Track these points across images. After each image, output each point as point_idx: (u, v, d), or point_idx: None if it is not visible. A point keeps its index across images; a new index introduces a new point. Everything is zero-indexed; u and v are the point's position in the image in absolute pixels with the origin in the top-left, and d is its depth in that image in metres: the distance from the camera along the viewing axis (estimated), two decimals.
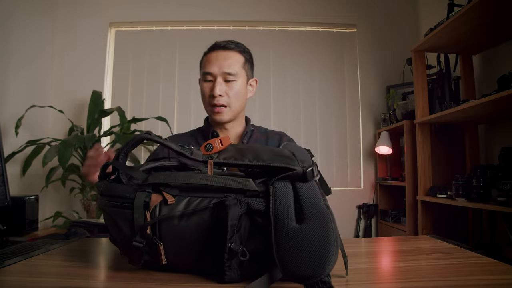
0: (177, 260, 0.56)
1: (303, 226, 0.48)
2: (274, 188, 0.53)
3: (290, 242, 0.47)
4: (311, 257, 0.45)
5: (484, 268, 0.63)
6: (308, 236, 0.47)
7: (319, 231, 0.47)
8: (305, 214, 0.49)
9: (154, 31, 2.89)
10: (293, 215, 0.50)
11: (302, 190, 0.52)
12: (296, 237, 0.47)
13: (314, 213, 0.49)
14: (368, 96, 2.89)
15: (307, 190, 0.52)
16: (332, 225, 0.48)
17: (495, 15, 1.63)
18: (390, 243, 1.01)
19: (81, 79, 2.76)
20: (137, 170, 0.59)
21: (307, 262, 0.45)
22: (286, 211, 0.50)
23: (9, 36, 2.20)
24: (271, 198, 0.51)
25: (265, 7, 2.90)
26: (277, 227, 0.49)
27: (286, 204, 0.51)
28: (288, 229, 0.48)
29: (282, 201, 0.51)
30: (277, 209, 0.50)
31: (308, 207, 0.50)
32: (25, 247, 0.84)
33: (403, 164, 2.45)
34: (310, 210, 0.50)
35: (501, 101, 1.47)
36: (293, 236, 0.47)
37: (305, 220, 0.49)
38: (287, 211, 0.50)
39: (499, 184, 1.49)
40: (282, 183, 0.53)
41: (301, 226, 0.48)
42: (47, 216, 2.29)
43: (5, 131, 2.13)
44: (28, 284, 0.56)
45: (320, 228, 0.47)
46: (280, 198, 0.51)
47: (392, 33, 2.91)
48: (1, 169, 1.53)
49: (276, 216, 0.50)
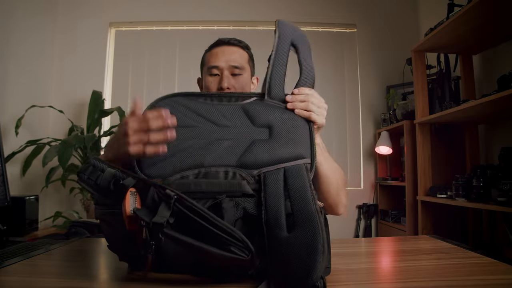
0: (175, 262, 0.56)
1: (292, 235, 0.49)
2: (266, 193, 0.53)
3: (281, 251, 0.49)
4: (298, 266, 0.47)
5: (484, 268, 0.63)
6: (296, 246, 0.48)
7: (307, 239, 0.48)
8: (295, 216, 0.51)
9: (154, 31, 2.89)
10: (284, 223, 0.51)
11: (293, 191, 0.53)
12: (286, 246, 0.49)
13: (303, 218, 0.50)
14: (368, 96, 2.89)
15: (298, 190, 0.53)
16: (320, 232, 0.49)
17: (495, 15, 1.63)
18: (390, 243, 1.01)
19: (81, 79, 2.76)
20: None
21: (295, 271, 0.46)
22: (276, 221, 0.51)
23: (9, 36, 2.20)
24: (262, 207, 0.52)
25: (265, 7, 2.90)
26: (269, 238, 0.50)
27: (277, 213, 0.52)
28: (279, 239, 0.50)
29: (273, 210, 0.52)
30: (269, 219, 0.52)
31: (297, 210, 0.51)
32: (25, 247, 0.84)
33: (403, 164, 2.45)
34: (300, 214, 0.51)
35: (501, 101, 1.47)
36: (283, 246, 0.49)
37: (295, 227, 0.50)
38: (277, 220, 0.51)
39: (499, 184, 1.49)
40: (274, 185, 0.54)
41: (290, 236, 0.49)
42: (47, 216, 2.29)
43: (5, 131, 2.13)
44: (28, 284, 0.56)
45: (308, 236, 0.48)
46: (271, 206, 0.52)
47: (392, 33, 2.91)
48: (1, 169, 1.53)
49: (268, 226, 0.51)
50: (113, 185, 0.54)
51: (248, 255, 0.49)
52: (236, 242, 0.49)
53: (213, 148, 0.60)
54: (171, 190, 0.50)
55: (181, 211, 0.50)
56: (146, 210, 0.51)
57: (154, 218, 0.49)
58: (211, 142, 0.61)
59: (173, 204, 0.50)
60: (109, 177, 0.54)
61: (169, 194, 0.50)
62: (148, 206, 0.51)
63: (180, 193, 0.50)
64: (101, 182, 0.54)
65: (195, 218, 0.49)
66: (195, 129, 0.62)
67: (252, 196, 0.54)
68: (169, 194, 0.50)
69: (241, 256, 0.49)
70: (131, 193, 0.52)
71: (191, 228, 0.50)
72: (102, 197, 0.56)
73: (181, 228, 0.50)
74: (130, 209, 0.50)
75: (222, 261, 0.51)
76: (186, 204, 0.50)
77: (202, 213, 0.49)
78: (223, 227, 0.49)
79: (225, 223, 0.49)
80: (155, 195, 0.51)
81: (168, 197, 0.50)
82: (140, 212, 0.50)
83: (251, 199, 0.54)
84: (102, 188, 0.55)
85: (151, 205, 0.51)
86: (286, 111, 0.64)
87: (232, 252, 0.49)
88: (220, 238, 0.49)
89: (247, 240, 0.49)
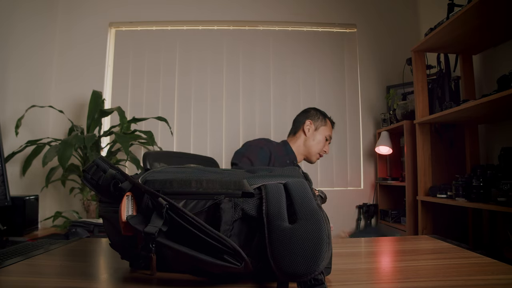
0: (175, 261, 0.57)
1: (296, 226, 0.49)
2: (266, 190, 0.54)
3: (284, 241, 0.48)
4: (304, 255, 0.46)
5: (484, 268, 0.62)
6: (301, 235, 0.47)
7: (312, 229, 0.48)
8: (297, 214, 0.50)
9: (154, 31, 2.89)
10: (286, 216, 0.51)
11: (294, 191, 0.53)
12: (289, 236, 0.48)
13: (306, 213, 0.50)
14: (368, 96, 2.89)
15: (299, 190, 0.53)
16: (324, 224, 0.49)
17: (495, 15, 1.63)
18: (390, 243, 1.01)
19: (81, 79, 2.77)
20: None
21: (301, 260, 0.45)
22: (279, 212, 0.51)
23: (9, 36, 2.20)
24: (263, 201, 0.52)
25: (265, 7, 2.90)
26: (270, 228, 0.50)
27: (279, 206, 0.51)
28: (281, 229, 0.49)
29: (274, 203, 0.52)
30: (270, 210, 0.51)
31: (300, 207, 0.51)
32: (25, 247, 0.84)
33: (403, 164, 2.45)
34: (302, 210, 0.51)
35: (501, 101, 1.47)
36: (286, 236, 0.48)
37: (297, 220, 0.50)
38: (280, 212, 0.51)
39: (499, 184, 1.49)
40: (274, 185, 0.54)
41: (294, 226, 0.49)
42: (47, 216, 2.29)
43: (5, 131, 2.13)
44: (28, 284, 0.56)
45: (312, 226, 0.48)
46: (272, 200, 0.52)
47: (392, 33, 2.91)
48: (1, 169, 1.53)
49: (268, 218, 0.51)
50: (113, 187, 0.54)
51: (242, 263, 0.49)
52: (228, 250, 0.49)
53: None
54: (163, 198, 0.50)
55: (173, 218, 0.50)
56: (140, 218, 0.51)
57: (146, 228, 0.49)
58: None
59: (165, 212, 0.50)
60: (109, 178, 0.55)
61: (161, 202, 0.50)
62: (143, 212, 0.51)
63: (173, 201, 0.50)
64: (102, 182, 0.55)
65: (187, 226, 0.49)
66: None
67: (252, 196, 0.54)
68: (160, 203, 0.50)
69: (234, 265, 0.49)
70: (128, 198, 0.52)
71: (185, 235, 0.50)
72: (104, 196, 0.57)
73: (175, 236, 0.50)
74: (125, 215, 0.50)
75: (215, 269, 0.51)
76: (178, 212, 0.49)
77: (193, 222, 0.49)
78: (214, 236, 0.49)
79: (216, 232, 0.49)
80: (149, 202, 0.51)
81: (160, 206, 0.50)
82: (133, 221, 0.50)
83: (250, 200, 0.54)
84: (103, 188, 0.55)
85: (145, 212, 0.51)
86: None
87: (225, 261, 0.49)
88: (213, 246, 0.49)
89: (240, 249, 0.49)
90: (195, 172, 0.61)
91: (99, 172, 0.55)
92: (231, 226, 0.52)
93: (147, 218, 0.50)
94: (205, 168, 0.66)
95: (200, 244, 0.49)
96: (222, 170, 0.67)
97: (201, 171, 0.62)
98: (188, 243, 0.49)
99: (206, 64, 2.85)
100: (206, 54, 2.87)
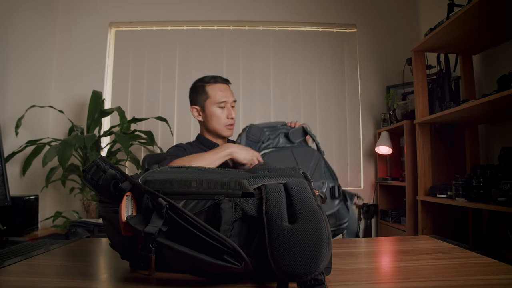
0: (175, 261, 0.57)
1: (296, 226, 0.49)
2: (266, 190, 0.54)
3: (284, 241, 0.48)
4: (304, 255, 0.46)
5: (484, 268, 0.62)
6: (301, 235, 0.47)
7: (312, 229, 0.48)
8: (297, 214, 0.50)
9: (154, 31, 2.89)
10: (286, 216, 0.51)
11: (294, 191, 0.53)
12: (290, 236, 0.48)
13: (306, 213, 0.50)
14: (368, 96, 2.89)
15: (299, 190, 0.53)
16: (324, 224, 0.49)
17: (495, 15, 1.63)
18: (390, 243, 1.01)
19: (81, 79, 2.77)
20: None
21: (301, 260, 0.45)
22: (279, 212, 0.51)
23: (9, 36, 2.20)
24: (263, 201, 0.52)
25: (265, 7, 2.90)
26: (270, 228, 0.50)
27: (279, 206, 0.51)
28: (281, 229, 0.49)
29: (274, 203, 0.52)
30: (270, 210, 0.51)
31: (300, 207, 0.51)
32: (25, 247, 0.84)
33: (403, 164, 2.45)
34: (302, 210, 0.51)
35: (501, 101, 1.47)
36: (287, 236, 0.48)
37: (297, 220, 0.50)
38: (280, 212, 0.51)
39: (499, 184, 1.49)
40: (274, 185, 0.54)
41: (294, 226, 0.49)
42: (47, 216, 2.29)
43: (5, 131, 2.13)
44: (28, 284, 0.56)
45: (312, 226, 0.48)
46: (272, 200, 0.52)
47: (392, 33, 2.91)
48: (1, 169, 1.53)
49: (268, 218, 0.51)
50: (113, 187, 0.54)
51: (241, 263, 0.49)
52: (228, 250, 0.49)
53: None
54: (163, 198, 0.50)
55: (173, 218, 0.50)
56: (140, 218, 0.51)
57: (146, 228, 0.49)
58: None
59: (165, 212, 0.50)
60: (109, 178, 0.55)
61: (160, 202, 0.50)
62: (143, 212, 0.51)
63: (172, 201, 0.50)
64: (102, 182, 0.55)
65: (187, 226, 0.49)
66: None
67: (252, 196, 0.54)
68: (160, 203, 0.50)
69: (234, 265, 0.49)
70: (128, 198, 0.52)
71: (185, 235, 0.50)
72: (104, 196, 0.57)
73: (175, 236, 0.50)
74: (125, 215, 0.50)
75: (215, 269, 0.51)
76: (178, 212, 0.49)
77: (193, 222, 0.49)
78: (214, 236, 0.49)
79: (216, 232, 0.49)
80: (149, 202, 0.51)
81: (160, 206, 0.50)
82: (133, 221, 0.50)
83: (250, 200, 0.54)
84: (103, 188, 0.55)
85: (145, 212, 0.51)
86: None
87: (225, 261, 0.49)
88: (213, 246, 0.49)
89: (240, 249, 0.49)
90: (195, 172, 0.61)
91: (99, 172, 0.55)
92: (231, 226, 0.52)
93: (147, 218, 0.50)
94: (205, 168, 0.66)
95: (200, 244, 0.49)
96: (222, 170, 0.67)
97: (201, 171, 0.62)
98: (188, 243, 0.49)
99: (206, 64, 2.85)
100: (206, 54, 2.87)
